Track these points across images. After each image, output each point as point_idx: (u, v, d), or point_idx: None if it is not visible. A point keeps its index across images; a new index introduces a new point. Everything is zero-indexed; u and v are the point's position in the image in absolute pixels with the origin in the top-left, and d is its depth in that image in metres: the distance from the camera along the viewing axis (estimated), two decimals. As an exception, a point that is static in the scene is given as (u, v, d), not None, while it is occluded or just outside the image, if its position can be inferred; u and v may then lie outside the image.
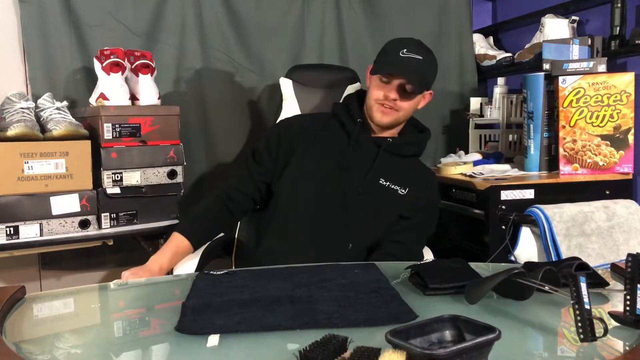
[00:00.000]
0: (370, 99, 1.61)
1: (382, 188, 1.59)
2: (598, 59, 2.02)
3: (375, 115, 1.60)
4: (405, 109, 1.60)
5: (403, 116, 1.62)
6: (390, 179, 1.60)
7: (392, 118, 1.60)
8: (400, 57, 1.55)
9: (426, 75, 1.59)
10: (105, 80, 1.97)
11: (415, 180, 1.63)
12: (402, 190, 1.60)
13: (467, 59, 2.81)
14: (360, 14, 2.63)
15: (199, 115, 2.39)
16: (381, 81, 1.58)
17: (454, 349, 0.66)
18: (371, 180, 1.59)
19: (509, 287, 0.99)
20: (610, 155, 1.97)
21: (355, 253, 1.54)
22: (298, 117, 1.84)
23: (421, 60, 1.56)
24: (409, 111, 1.62)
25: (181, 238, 1.53)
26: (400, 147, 1.65)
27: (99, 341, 0.93)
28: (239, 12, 2.43)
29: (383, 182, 1.59)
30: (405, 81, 1.54)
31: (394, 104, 1.57)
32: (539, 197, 1.90)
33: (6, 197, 1.75)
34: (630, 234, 1.85)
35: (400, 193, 1.60)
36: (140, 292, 1.26)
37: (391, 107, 1.58)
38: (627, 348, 0.83)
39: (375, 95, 1.59)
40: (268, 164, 1.66)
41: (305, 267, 1.24)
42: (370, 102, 1.61)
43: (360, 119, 1.63)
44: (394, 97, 1.56)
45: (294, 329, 0.88)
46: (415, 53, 1.56)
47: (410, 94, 1.57)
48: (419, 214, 1.62)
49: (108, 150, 1.91)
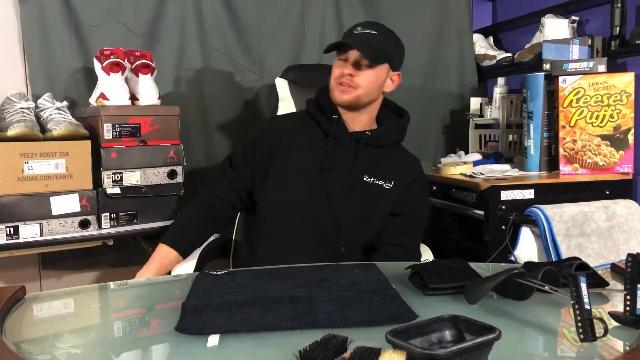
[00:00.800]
0: (331, 81, 1.59)
1: (367, 186, 1.56)
2: (598, 59, 2.02)
3: (334, 94, 1.57)
4: (363, 86, 1.55)
5: (363, 93, 1.56)
6: (374, 175, 1.57)
7: (352, 96, 1.55)
8: (354, 33, 1.54)
9: (381, 48, 1.55)
10: (105, 80, 1.97)
11: (399, 171, 1.60)
12: (387, 184, 1.57)
13: (467, 59, 2.81)
14: (360, 14, 2.63)
15: (199, 115, 2.39)
16: (338, 60, 1.57)
17: (454, 349, 0.66)
18: (355, 179, 1.56)
19: (509, 287, 0.99)
20: (610, 155, 1.97)
21: (349, 256, 1.50)
22: (272, 120, 1.80)
23: (375, 34, 1.54)
24: (369, 88, 1.56)
25: (167, 249, 1.53)
26: (380, 137, 1.61)
27: (99, 341, 0.93)
28: (239, 12, 2.43)
29: (367, 178, 1.57)
30: (357, 54, 1.52)
31: (350, 80, 1.54)
32: (539, 197, 1.90)
33: (6, 197, 1.75)
34: (630, 234, 1.85)
35: (386, 187, 1.57)
36: (140, 292, 1.26)
37: (349, 85, 1.54)
38: (627, 348, 0.83)
39: (334, 75, 1.57)
40: (246, 173, 1.63)
41: (305, 267, 1.24)
42: (331, 84, 1.59)
43: (335, 115, 1.60)
44: (349, 72, 1.53)
45: (294, 329, 0.88)
46: (369, 29, 1.54)
47: (366, 69, 1.54)
48: (411, 211, 1.60)
49: (108, 150, 1.91)
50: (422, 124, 2.76)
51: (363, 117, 1.62)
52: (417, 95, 2.74)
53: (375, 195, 1.56)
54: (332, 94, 1.58)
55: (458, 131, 2.76)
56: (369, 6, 2.65)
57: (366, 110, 1.61)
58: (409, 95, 2.72)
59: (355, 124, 1.61)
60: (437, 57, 2.77)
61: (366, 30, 1.54)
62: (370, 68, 1.54)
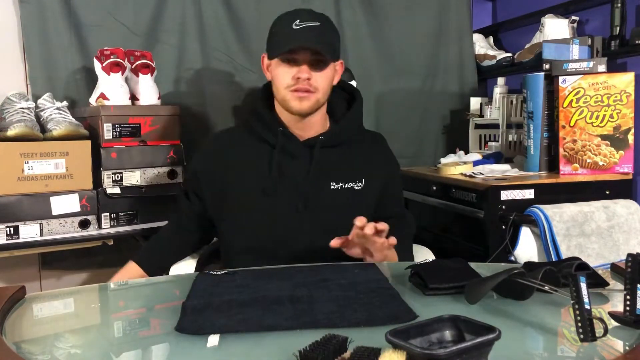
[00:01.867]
0: (280, 90, 1.39)
1: (336, 193, 1.43)
2: (598, 59, 2.02)
3: (292, 105, 1.39)
4: (322, 87, 1.39)
5: (322, 96, 1.41)
6: (340, 179, 1.45)
7: (312, 102, 1.39)
8: (295, 29, 1.34)
9: (331, 40, 1.40)
10: (105, 80, 1.98)
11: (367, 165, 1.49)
12: (357, 184, 1.45)
13: (467, 59, 2.81)
14: (360, 14, 2.63)
15: (199, 115, 2.39)
16: (285, 63, 1.37)
17: (454, 349, 0.66)
18: (322, 190, 1.43)
19: (509, 287, 0.99)
20: (610, 155, 1.97)
21: None
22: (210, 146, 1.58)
23: (319, 25, 1.36)
24: (326, 89, 1.41)
25: (135, 267, 1.49)
26: (336, 136, 1.48)
27: (99, 341, 0.93)
28: (239, 12, 2.43)
29: (335, 185, 1.44)
30: (308, 53, 1.35)
31: (308, 84, 1.36)
32: (539, 197, 1.90)
33: (6, 197, 1.75)
34: (630, 234, 1.85)
35: (356, 188, 1.45)
36: (140, 292, 1.26)
37: (307, 90, 1.37)
38: (627, 348, 0.83)
39: (285, 83, 1.38)
40: (198, 206, 1.53)
41: (305, 267, 1.24)
42: (281, 93, 1.40)
43: (280, 127, 1.44)
44: (307, 76, 1.35)
45: (294, 329, 0.88)
46: (310, 21, 1.35)
47: (322, 67, 1.37)
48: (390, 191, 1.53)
49: (108, 150, 1.92)
50: (422, 124, 2.76)
51: (316, 119, 1.46)
52: (417, 95, 2.74)
53: (347, 202, 1.44)
54: (287, 104, 1.40)
55: (458, 131, 2.76)
56: (369, 6, 2.65)
57: (320, 110, 1.46)
58: (409, 95, 2.74)
59: (308, 131, 1.47)
60: (437, 57, 2.77)
61: (308, 23, 1.35)
62: (326, 66, 1.39)
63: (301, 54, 1.36)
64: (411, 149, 2.74)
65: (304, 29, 1.34)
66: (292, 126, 1.46)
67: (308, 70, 1.36)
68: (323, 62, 1.38)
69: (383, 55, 2.68)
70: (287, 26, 1.36)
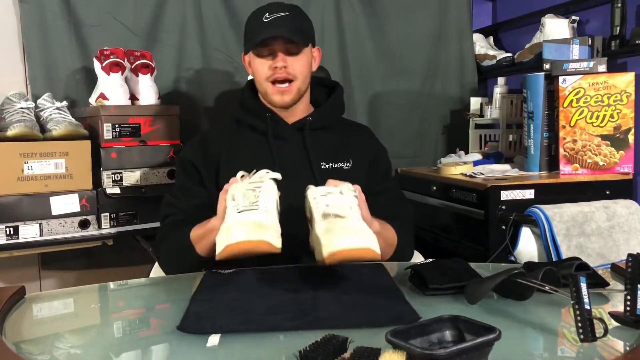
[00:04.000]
0: (262, 83, 1.45)
1: (327, 172, 1.45)
2: (598, 59, 2.02)
3: (274, 99, 1.44)
4: (300, 73, 1.43)
5: (302, 83, 1.45)
6: (330, 159, 1.48)
7: (294, 93, 1.44)
8: (265, 22, 1.39)
9: (301, 26, 1.44)
10: (105, 80, 1.98)
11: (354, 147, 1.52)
12: (346, 164, 1.48)
13: (467, 59, 2.81)
14: (360, 14, 2.63)
15: (199, 115, 2.39)
16: (262, 57, 1.42)
17: (454, 349, 0.66)
18: (315, 170, 1.45)
19: (509, 287, 0.99)
20: (611, 155, 1.97)
21: None
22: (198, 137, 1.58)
23: (288, 14, 1.41)
24: (305, 74, 1.45)
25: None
26: (322, 118, 1.51)
27: (99, 341, 0.93)
28: (239, 12, 2.43)
29: (325, 165, 1.47)
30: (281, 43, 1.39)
31: (286, 72, 1.41)
32: (539, 197, 1.90)
33: (6, 197, 1.75)
34: (631, 234, 1.85)
35: (345, 168, 1.48)
36: (140, 292, 1.26)
37: (285, 78, 1.41)
38: (627, 348, 0.83)
39: (264, 74, 1.43)
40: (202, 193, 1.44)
41: (309, 267, 1.24)
42: (263, 86, 1.45)
43: (268, 113, 1.48)
44: (282, 64, 1.40)
45: (296, 329, 0.88)
46: (279, 12, 1.40)
47: (297, 53, 1.42)
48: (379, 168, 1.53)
49: (108, 150, 1.92)
50: (422, 124, 2.77)
51: (301, 107, 1.51)
52: (417, 96, 2.74)
53: None
54: (270, 99, 1.45)
55: (458, 131, 2.76)
56: (369, 6, 2.65)
57: (302, 99, 1.50)
58: (409, 95, 2.74)
59: (294, 116, 1.50)
60: (437, 57, 2.77)
61: (277, 15, 1.40)
62: (300, 52, 1.43)
63: (275, 44, 1.40)
64: (411, 149, 2.74)
65: (273, 19, 1.39)
66: (278, 112, 1.50)
67: (284, 58, 1.41)
68: (297, 48, 1.42)
69: (383, 55, 2.68)
70: (258, 20, 1.41)
